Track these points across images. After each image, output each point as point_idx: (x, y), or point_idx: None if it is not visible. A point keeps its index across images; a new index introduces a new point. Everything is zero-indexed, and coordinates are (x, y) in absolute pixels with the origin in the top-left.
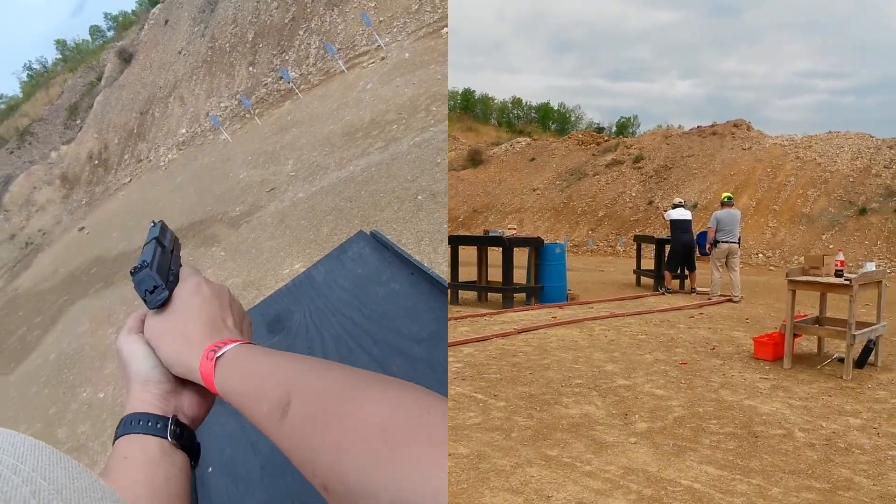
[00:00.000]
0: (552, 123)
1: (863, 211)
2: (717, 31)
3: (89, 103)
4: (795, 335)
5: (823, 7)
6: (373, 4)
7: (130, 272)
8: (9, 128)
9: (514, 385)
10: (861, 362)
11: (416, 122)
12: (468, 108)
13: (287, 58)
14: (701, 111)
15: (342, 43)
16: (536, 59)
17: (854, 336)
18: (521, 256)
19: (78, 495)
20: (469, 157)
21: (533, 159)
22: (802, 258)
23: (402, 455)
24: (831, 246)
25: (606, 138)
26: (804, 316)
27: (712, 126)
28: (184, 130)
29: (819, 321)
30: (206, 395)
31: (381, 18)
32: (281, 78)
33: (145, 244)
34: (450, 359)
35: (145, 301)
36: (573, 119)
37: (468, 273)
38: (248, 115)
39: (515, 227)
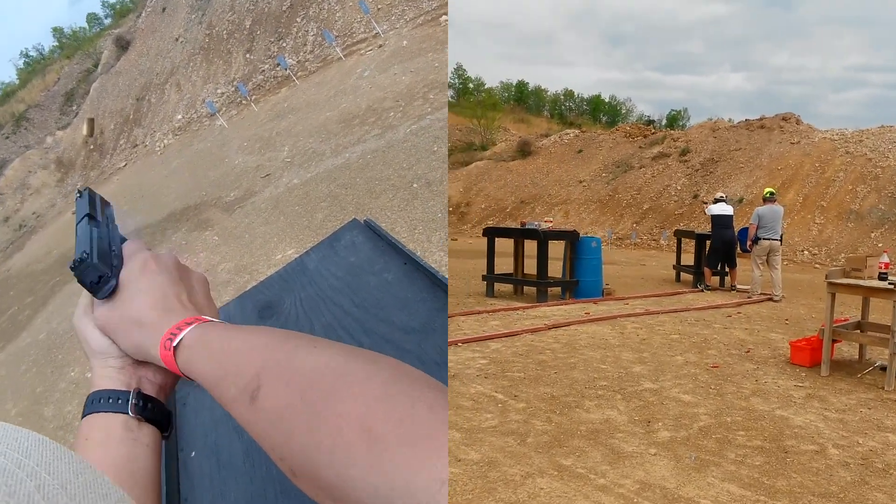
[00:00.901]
0: (603, 116)
1: None
2: (769, 25)
3: (85, 90)
4: (834, 341)
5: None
6: None
7: (70, 267)
8: (4, 113)
9: (537, 385)
10: None
11: (413, 110)
12: (521, 99)
13: (284, 45)
14: (752, 105)
15: (340, 30)
16: (589, 51)
17: None
18: (558, 250)
19: (82, 490)
20: (518, 149)
21: (580, 151)
22: (846, 257)
23: (381, 454)
24: (880, 244)
25: (654, 131)
26: (845, 320)
27: (760, 119)
28: (180, 116)
29: (860, 326)
30: None
31: (379, 6)
32: (278, 65)
33: (77, 223)
34: (476, 354)
35: (93, 293)
36: (624, 112)
37: (505, 265)
38: (244, 102)
39: (551, 219)
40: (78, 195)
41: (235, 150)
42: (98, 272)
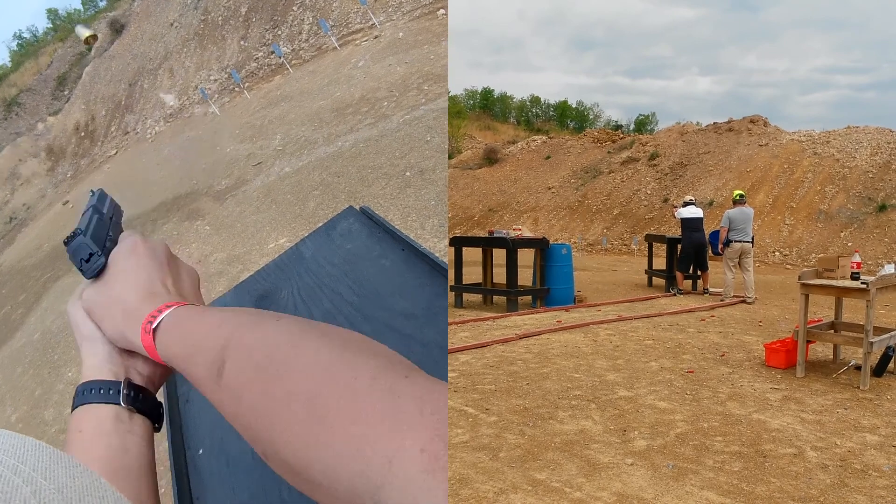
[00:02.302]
0: (570, 121)
1: (882, 207)
2: (737, 27)
3: (78, 74)
4: (809, 341)
5: (844, 2)
6: None
7: (64, 242)
8: None
9: (509, 397)
10: (879, 371)
11: (406, 101)
12: (487, 106)
13: (280, 33)
14: (722, 108)
15: (336, 20)
16: (557, 57)
17: (871, 343)
18: (528, 258)
19: (79, 494)
20: (485, 156)
21: (548, 157)
22: (818, 257)
23: (329, 431)
24: (850, 244)
25: (622, 136)
26: (818, 321)
27: (728, 122)
28: (172, 103)
29: (834, 327)
30: None
31: None
32: (272, 53)
33: (82, 213)
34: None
35: (82, 271)
36: (591, 117)
37: (474, 274)
38: (237, 89)
39: (520, 227)
40: (90, 192)
41: (227, 138)
42: (88, 249)
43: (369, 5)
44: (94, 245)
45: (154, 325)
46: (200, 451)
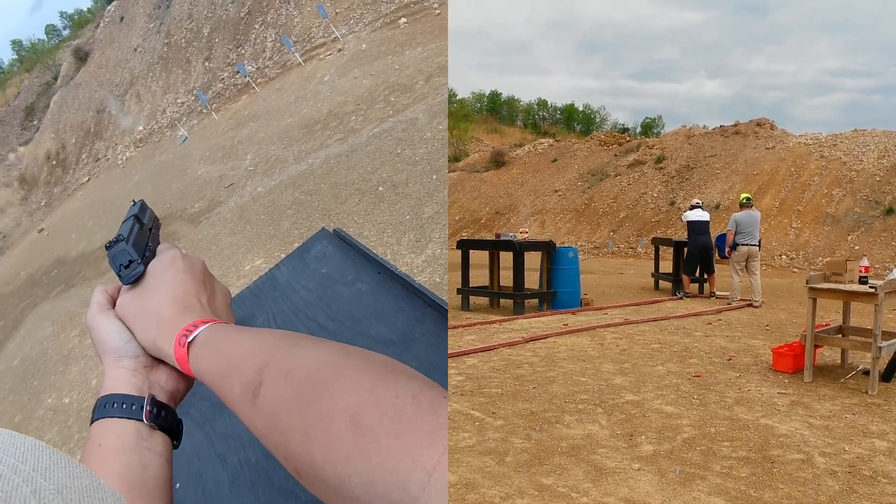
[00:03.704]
0: (577, 125)
1: (889, 211)
2: (744, 31)
3: (46, 103)
4: (817, 346)
5: (851, 5)
6: None
7: (105, 246)
8: None
9: (515, 401)
10: (888, 376)
11: (374, 113)
12: (494, 110)
13: (243, 52)
14: (729, 111)
15: (298, 35)
16: (565, 60)
17: (880, 348)
18: (535, 260)
19: (79, 495)
20: (492, 159)
21: (555, 160)
22: (826, 261)
23: (369, 446)
24: (857, 247)
25: (629, 139)
26: (826, 325)
27: (735, 125)
28: (141, 128)
29: (842, 331)
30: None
31: (337, 10)
32: (237, 72)
33: (124, 221)
34: (451, 371)
35: (120, 276)
36: (598, 120)
37: (481, 277)
38: (204, 111)
39: (527, 230)
40: (132, 203)
41: (198, 161)
42: (129, 256)
43: (331, 18)
44: (134, 253)
45: (189, 340)
46: (178, 484)
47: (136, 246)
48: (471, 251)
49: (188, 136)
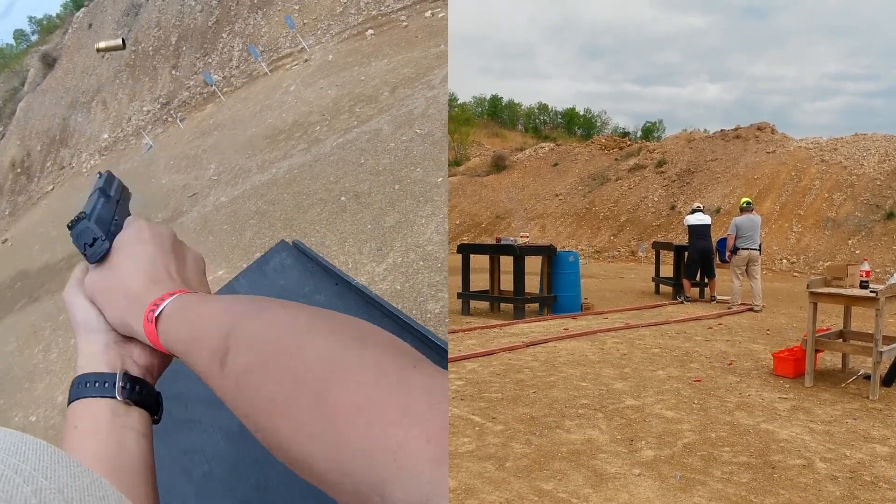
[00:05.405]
0: (578, 129)
1: (890, 215)
2: (746, 35)
3: (12, 109)
4: (817, 350)
5: (853, 9)
6: (297, 7)
7: (68, 225)
8: None
9: (516, 406)
10: (889, 380)
11: (339, 124)
12: (495, 114)
13: (210, 61)
14: (731, 115)
15: (266, 45)
16: (566, 64)
17: (881, 352)
18: (535, 265)
19: (80, 494)
20: (493, 163)
21: (556, 164)
22: (826, 265)
23: (332, 421)
24: (857, 251)
25: (629, 143)
26: (827, 329)
27: (735, 130)
28: (106, 136)
29: (843, 335)
30: None
31: (305, 21)
32: (204, 81)
33: (89, 196)
34: (451, 375)
35: (85, 255)
36: (599, 124)
37: (481, 281)
38: (170, 119)
39: (528, 234)
40: (98, 175)
41: (162, 170)
42: (93, 234)
43: (298, 29)
44: (98, 230)
45: (157, 314)
46: None
47: (100, 221)
48: (471, 255)
49: (153, 145)
